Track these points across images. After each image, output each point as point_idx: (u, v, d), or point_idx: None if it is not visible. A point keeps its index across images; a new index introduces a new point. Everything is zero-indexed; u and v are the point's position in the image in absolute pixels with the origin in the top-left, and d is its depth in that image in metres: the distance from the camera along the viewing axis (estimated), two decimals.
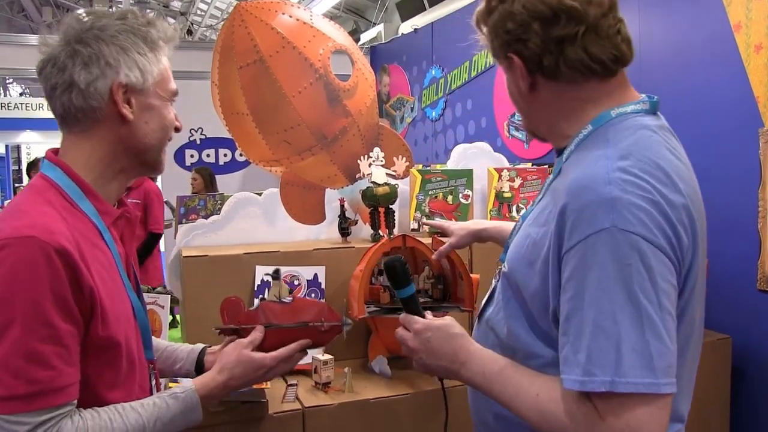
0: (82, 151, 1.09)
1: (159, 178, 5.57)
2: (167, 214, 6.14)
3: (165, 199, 5.12)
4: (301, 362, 1.99)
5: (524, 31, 1.01)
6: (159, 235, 4.87)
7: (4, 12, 13.03)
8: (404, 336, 1.16)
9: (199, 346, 1.38)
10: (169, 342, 1.40)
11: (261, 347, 1.29)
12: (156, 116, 1.12)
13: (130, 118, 1.09)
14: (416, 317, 1.16)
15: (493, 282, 1.23)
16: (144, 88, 1.10)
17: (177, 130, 1.17)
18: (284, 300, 1.26)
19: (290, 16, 2.33)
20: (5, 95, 15.04)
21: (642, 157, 0.95)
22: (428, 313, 1.18)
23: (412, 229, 2.49)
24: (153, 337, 1.38)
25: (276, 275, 1.27)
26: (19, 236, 0.95)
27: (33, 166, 7.46)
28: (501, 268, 1.18)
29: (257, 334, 1.29)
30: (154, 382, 1.21)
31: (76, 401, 1.01)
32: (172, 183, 5.81)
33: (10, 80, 14.76)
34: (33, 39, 5.98)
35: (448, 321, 1.14)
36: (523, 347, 1.08)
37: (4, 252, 0.95)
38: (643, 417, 0.88)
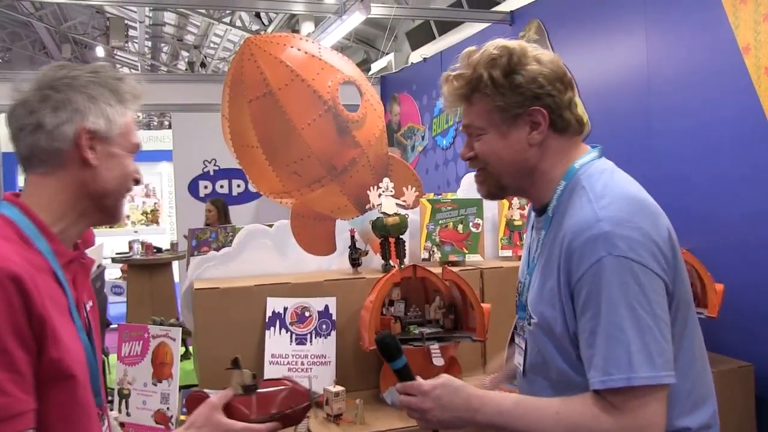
0: (44, 192, 1.12)
1: (173, 209, 5.60)
2: (182, 244, 6.16)
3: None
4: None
5: (553, 88, 1.21)
6: None
7: (27, 50, 13.35)
8: (412, 401, 1.22)
9: None
10: None
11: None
12: (118, 164, 1.16)
13: (94, 164, 1.13)
14: (418, 382, 1.23)
15: (518, 339, 1.35)
16: (109, 137, 1.14)
17: (137, 182, 1.22)
18: (250, 384, 1.25)
19: (299, 50, 2.37)
20: None
21: (615, 195, 1.16)
22: (418, 378, 1.25)
23: (423, 259, 2.48)
24: None
25: (234, 365, 1.26)
26: None
27: None
28: (524, 324, 1.29)
29: (228, 393, 1.22)
30: (105, 429, 1.18)
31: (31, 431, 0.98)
32: (186, 214, 5.86)
33: None
34: None
35: (447, 377, 1.24)
36: (576, 382, 1.18)
37: None
38: (651, 405, 1.08)
